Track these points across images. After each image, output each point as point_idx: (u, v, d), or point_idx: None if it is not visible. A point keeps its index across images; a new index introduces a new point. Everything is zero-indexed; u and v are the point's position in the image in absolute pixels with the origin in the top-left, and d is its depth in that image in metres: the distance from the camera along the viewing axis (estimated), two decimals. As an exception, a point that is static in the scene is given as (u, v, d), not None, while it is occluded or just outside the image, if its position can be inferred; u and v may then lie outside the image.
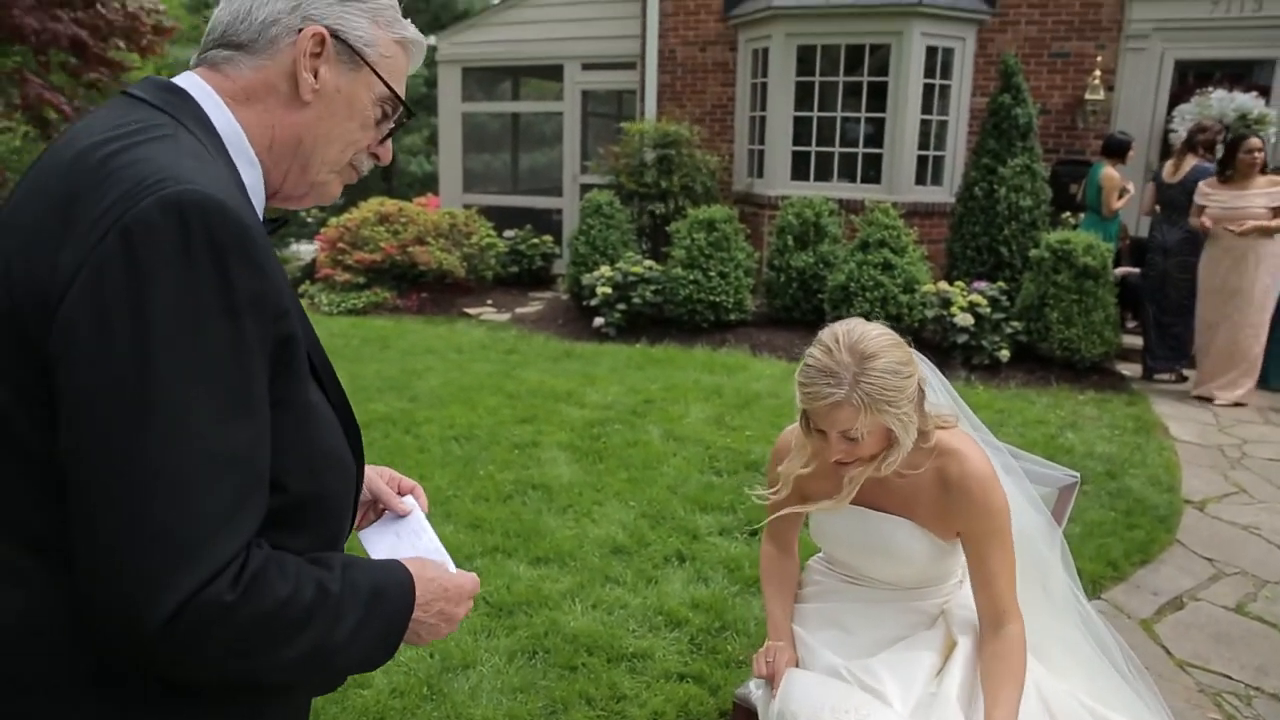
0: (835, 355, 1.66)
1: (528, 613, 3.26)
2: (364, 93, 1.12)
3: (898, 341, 1.71)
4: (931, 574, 1.88)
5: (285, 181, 1.14)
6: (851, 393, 1.63)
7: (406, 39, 1.17)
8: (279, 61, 1.08)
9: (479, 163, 12.14)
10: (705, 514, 4.09)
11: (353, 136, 1.14)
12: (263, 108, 1.08)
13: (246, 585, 0.89)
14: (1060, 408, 5.87)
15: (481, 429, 5.14)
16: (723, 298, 7.49)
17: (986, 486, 1.75)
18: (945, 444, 1.78)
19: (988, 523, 1.75)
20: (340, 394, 1.12)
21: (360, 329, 8.11)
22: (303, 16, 1.08)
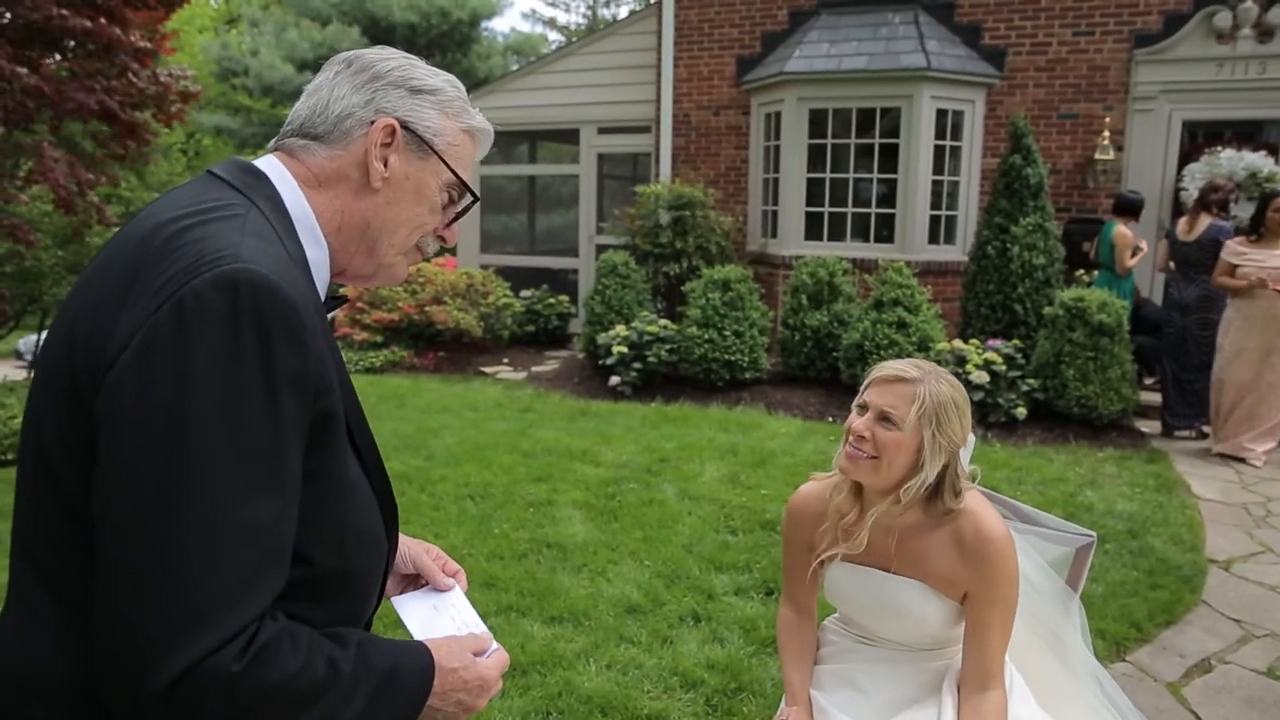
0: (923, 364, 1.78)
1: (542, 673, 3.23)
2: (431, 180, 1.19)
3: (968, 399, 1.80)
4: (945, 635, 1.87)
5: (352, 262, 1.19)
6: (919, 384, 1.72)
7: (474, 128, 1.23)
8: (352, 151, 1.15)
9: (496, 224, 12.33)
10: (721, 573, 4.06)
11: (420, 220, 1.20)
12: (334, 193, 1.15)
13: (253, 657, 0.90)
14: (1079, 465, 5.82)
15: (497, 487, 5.15)
16: (738, 356, 7.52)
17: (1002, 551, 1.75)
18: (965, 507, 1.79)
19: (996, 588, 1.75)
20: (380, 470, 1.15)
21: (377, 387, 8.17)
22: (376, 109, 1.16)
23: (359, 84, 1.17)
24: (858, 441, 1.75)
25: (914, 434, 1.71)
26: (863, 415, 1.76)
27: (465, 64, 21.32)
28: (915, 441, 1.71)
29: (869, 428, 1.74)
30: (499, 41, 23.40)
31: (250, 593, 0.91)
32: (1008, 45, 8.72)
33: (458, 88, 1.23)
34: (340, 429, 1.03)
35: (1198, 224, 6.58)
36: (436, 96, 1.20)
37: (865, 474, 1.77)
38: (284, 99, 21.16)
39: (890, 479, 1.75)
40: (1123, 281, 7.28)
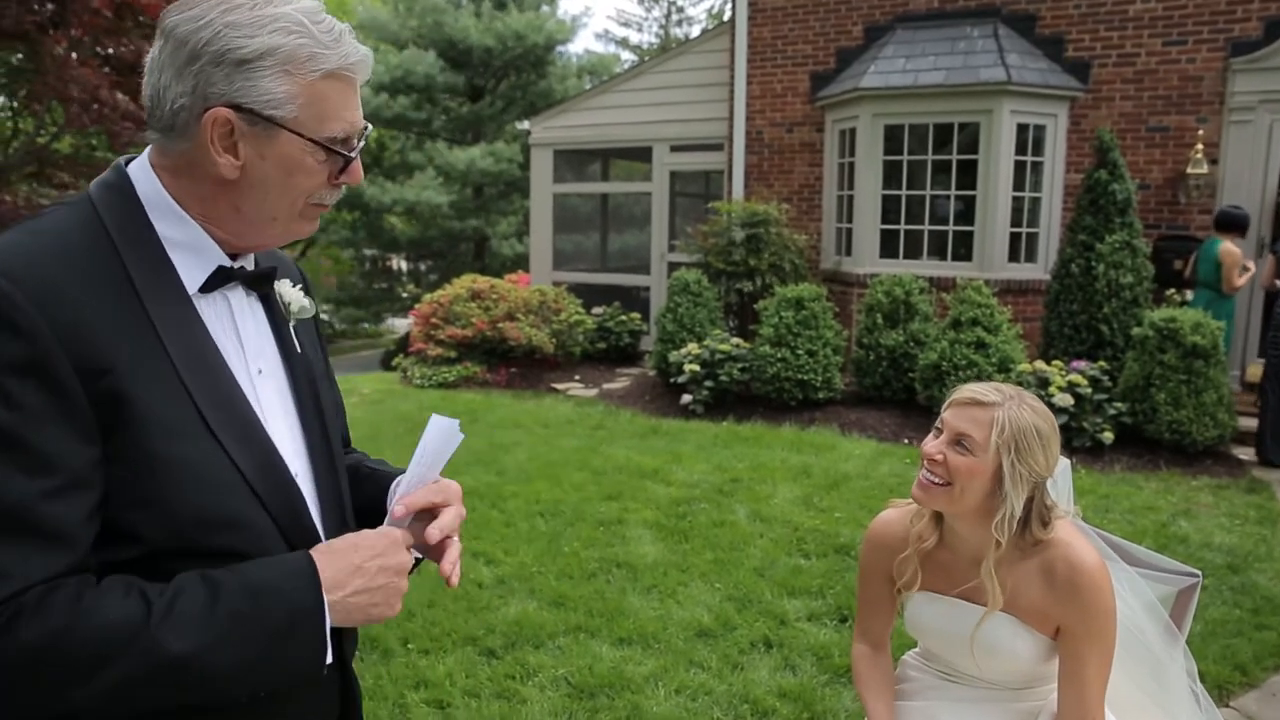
0: (1005, 389, 1.71)
1: (610, 695, 3.20)
2: (294, 151, 1.10)
3: (1055, 428, 1.72)
4: (1035, 673, 1.77)
5: (242, 238, 1.15)
6: (999, 408, 1.65)
7: (332, 70, 1.09)
8: (198, 144, 1.07)
9: (569, 242, 12.44)
10: (793, 598, 3.98)
11: (299, 189, 1.12)
12: (191, 181, 1.10)
13: (4, 624, 0.92)
14: (1171, 494, 5.56)
15: (567, 505, 5.15)
16: (811, 376, 7.41)
17: (1096, 583, 1.66)
18: (1055, 537, 1.70)
19: (1092, 622, 1.65)
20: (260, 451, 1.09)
21: (450, 402, 8.27)
22: (203, 98, 1.06)
23: (180, 67, 1.06)
24: (930, 466, 1.69)
25: (990, 461, 1.63)
26: (938, 438, 1.70)
27: (541, 86, 21.62)
28: (991, 468, 1.63)
29: (942, 450, 1.68)
30: (573, 63, 23.68)
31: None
32: (1093, 57, 8.46)
33: (297, 27, 1.07)
34: (136, 411, 1.00)
35: None
36: (272, 59, 1.06)
37: (938, 502, 1.70)
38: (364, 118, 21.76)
39: (965, 507, 1.68)
40: (1225, 301, 6.96)
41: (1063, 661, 1.70)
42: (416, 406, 8.21)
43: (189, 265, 1.11)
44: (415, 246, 23.87)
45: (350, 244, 24.26)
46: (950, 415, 1.69)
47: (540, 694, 3.23)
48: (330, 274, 33.52)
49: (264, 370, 1.17)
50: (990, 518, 1.66)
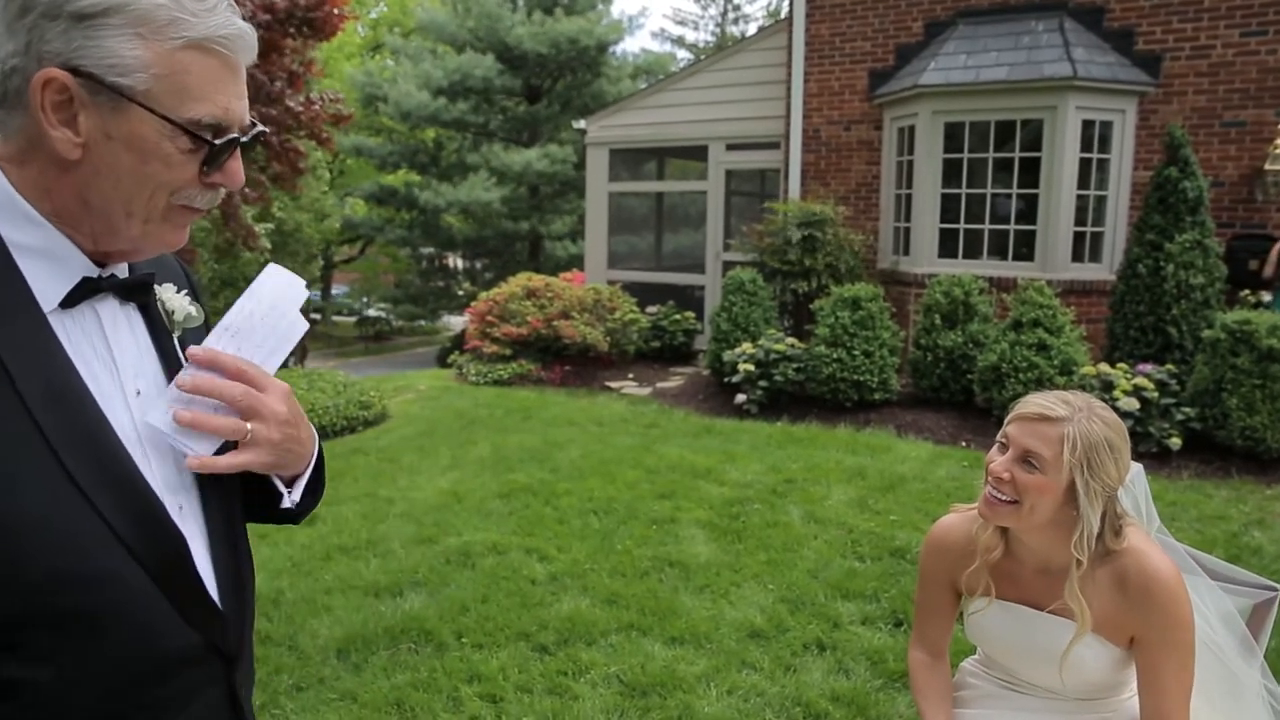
0: (1069, 400, 1.64)
1: (661, 694, 3.19)
2: (147, 130, 0.91)
3: (1125, 432, 1.67)
4: (1101, 684, 1.72)
5: (101, 240, 0.97)
6: (1068, 423, 1.59)
7: (198, 40, 0.91)
8: (31, 116, 0.90)
9: (623, 241, 12.46)
10: (847, 601, 3.93)
11: (157, 179, 0.94)
12: (36, 169, 0.93)
13: None
14: (1243, 502, 5.37)
15: (620, 503, 5.16)
16: (867, 377, 7.32)
17: (1171, 589, 1.60)
18: (1128, 545, 1.65)
19: (1168, 632, 1.60)
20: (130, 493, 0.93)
21: (505, 400, 8.35)
22: (36, 58, 0.88)
23: (10, 20, 0.89)
24: (996, 484, 1.64)
25: (1062, 479, 1.58)
26: (1003, 453, 1.64)
27: (596, 86, 21.73)
28: (1063, 486, 1.58)
29: (1009, 468, 1.62)
30: (629, 62, 23.77)
31: None
32: (1164, 50, 8.21)
33: None
34: None
35: None
36: (121, 16, 0.88)
37: (1006, 519, 1.65)
38: (420, 122, 22.08)
39: (1034, 523, 1.63)
40: None
41: (1140, 672, 1.65)
42: (472, 403, 8.31)
43: (45, 276, 0.93)
44: (471, 245, 24.17)
45: (407, 243, 24.66)
46: (1015, 430, 1.63)
47: (592, 691, 3.25)
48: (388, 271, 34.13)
49: (142, 391, 1.00)
50: (1060, 528, 1.61)
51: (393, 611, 3.90)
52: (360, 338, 33.03)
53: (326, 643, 3.67)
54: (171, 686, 0.98)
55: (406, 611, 3.89)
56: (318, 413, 8.13)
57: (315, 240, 19.42)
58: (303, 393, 8.59)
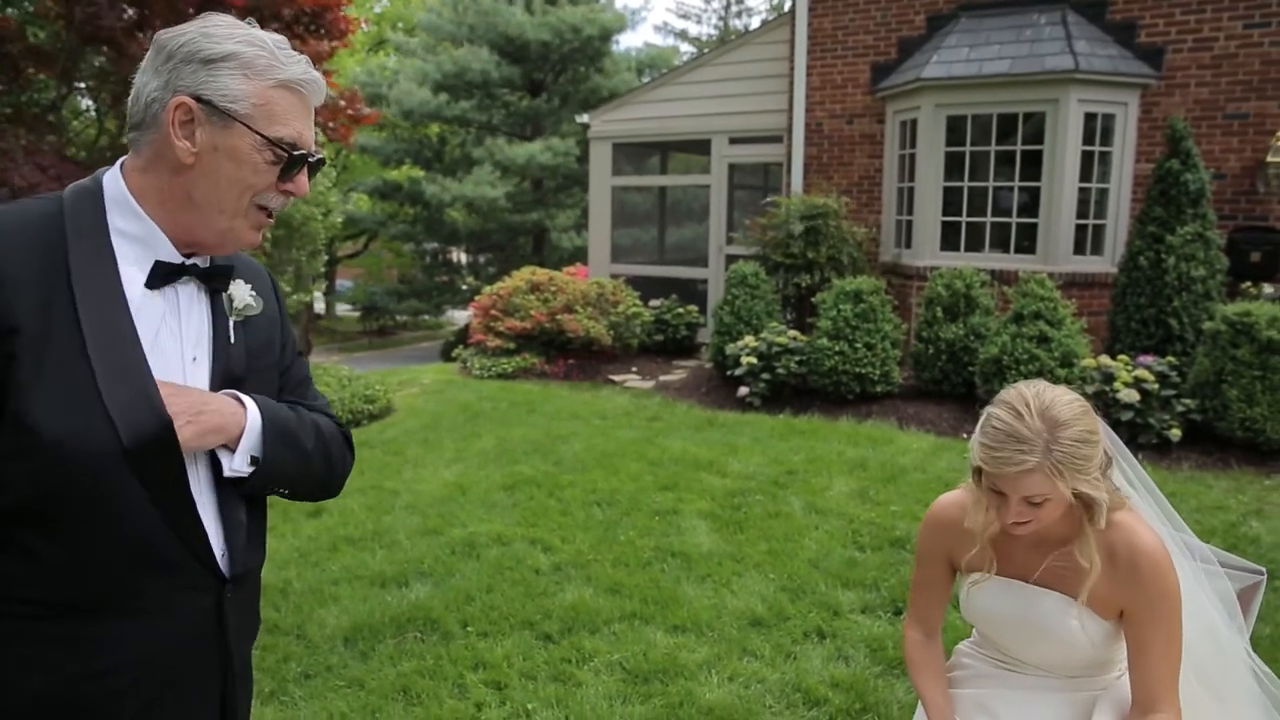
0: (1027, 421, 1.61)
1: (663, 681, 3.24)
2: (243, 145, 1.25)
3: (1087, 409, 1.68)
4: (1094, 659, 1.76)
5: (193, 232, 1.28)
6: (1044, 460, 1.59)
7: (286, 81, 1.27)
8: (163, 133, 1.23)
9: (627, 235, 12.50)
10: (847, 590, 3.98)
11: (246, 183, 1.27)
12: (155, 174, 1.26)
13: None
14: (1242, 493, 5.41)
15: (623, 495, 5.20)
16: (869, 369, 7.35)
17: (1158, 564, 1.65)
18: (1115, 518, 1.69)
19: (1156, 604, 1.65)
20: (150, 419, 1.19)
21: (508, 393, 8.40)
22: (172, 89, 1.23)
23: (157, 66, 1.24)
24: (1015, 527, 1.68)
25: (1065, 494, 1.61)
26: (1004, 501, 1.66)
27: (598, 80, 21.72)
28: (1068, 495, 1.62)
29: (1022, 512, 1.65)
30: (631, 57, 23.73)
31: None
32: (1166, 42, 8.22)
33: (260, 44, 1.26)
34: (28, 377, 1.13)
35: None
36: (234, 61, 1.23)
37: (1032, 532, 1.70)
38: (423, 119, 22.07)
39: (1098, 518, 1.67)
40: None
41: (1129, 646, 1.71)
42: (476, 397, 8.36)
43: (135, 256, 1.25)
44: (475, 240, 24.18)
45: (411, 238, 24.66)
46: (1004, 485, 1.64)
47: (595, 678, 3.29)
48: (392, 266, 34.17)
49: (198, 358, 1.32)
50: (1067, 509, 1.66)
51: (399, 601, 3.96)
52: (364, 332, 33.08)
53: (334, 632, 3.72)
54: (161, 584, 1.25)
55: (412, 601, 3.94)
56: (323, 406, 8.19)
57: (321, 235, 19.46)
58: (308, 387, 8.63)
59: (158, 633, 1.25)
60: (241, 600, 1.38)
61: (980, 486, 1.70)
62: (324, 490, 1.48)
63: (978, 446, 1.65)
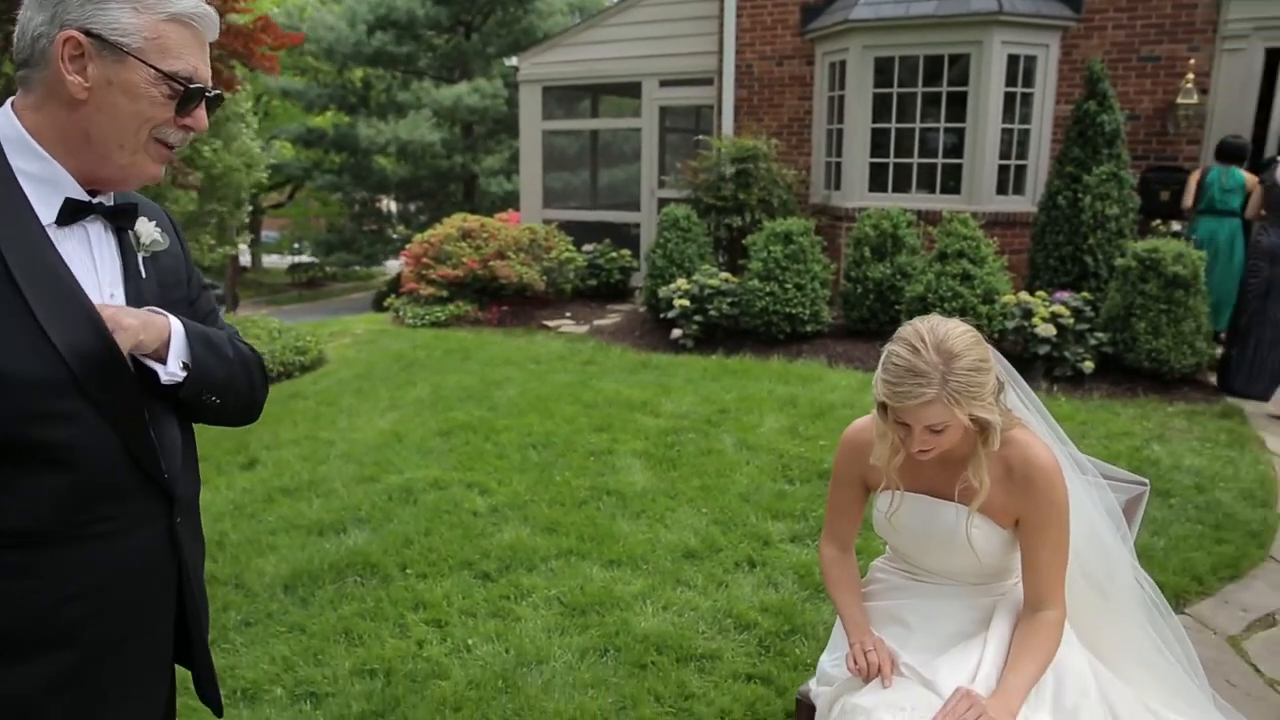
0: (923, 355, 1.71)
1: (600, 613, 3.35)
2: (138, 79, 1.24)
3: (979, 339, 1.77)
4: (995, 566, 1.90)
5: (96, 169, 1.28)
6: (941, 391, 1.68)
7: (175, 14, 1.26)
8: (53, 69, 1.23)
9: (559, 179, 12.40)
10: (777, 521, 4.12)
11: (144, 116, 1.26)
12: (50, 112, 1.25)
13: None
14: (1147, 420, 5.70)
15: (558, 437, 5.27)
16: (799, 309, 7.50)
17: (1049, 476, 1.78)
18: (1011, 435, 1.82)
19: (1046, 513, 1.79)
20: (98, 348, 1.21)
21: (443, 341, 8.36)
22: (60, 24, 1.22)
23: (41, 1, 1.24)
24: (922, 453, 1.78)
25: (963, 419, 1.72)
26: (908, 431, 1.76)
27: (527, 22, 21.25)
28: (966, 420, 1.72)
29: (925, 441, 1.75)
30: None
31: None
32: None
33: None
34: None
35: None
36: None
37: (936, 456, 1.81)
38: (346, 60, 21.39)
39: (992, 439, 1.79)
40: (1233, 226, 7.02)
41: (1023, 553, 1.84)
42: (410, 345, 8.30)
43: (42, 196, 1.24)
44: (405, 187, 23.70)
45: (338, 187, 24.06)
46: (907, 417, 1.73)
47: (534, 612, 3.38)
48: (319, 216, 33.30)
49: (115, 295, 1.33)
50: (965, 431, 1.76)
51: (337, 548, 3.98)
52: (293, 284, 32.31)
53: (273, 580, 3.74)
54: (116, 509, 1.28)
55: (351, 547, 3.97)
56: (253, 358, 8.05)
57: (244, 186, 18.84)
58: (236, 339, 8.47)
59: (115, 559, 1.28)
60: (190, 525, 1.42)
61: (886, 420, 1.80)
62: (247, 409, 1.49)
63: (880, 383, 1.75)
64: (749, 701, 2.79)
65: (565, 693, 2.86)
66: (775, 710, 2.77)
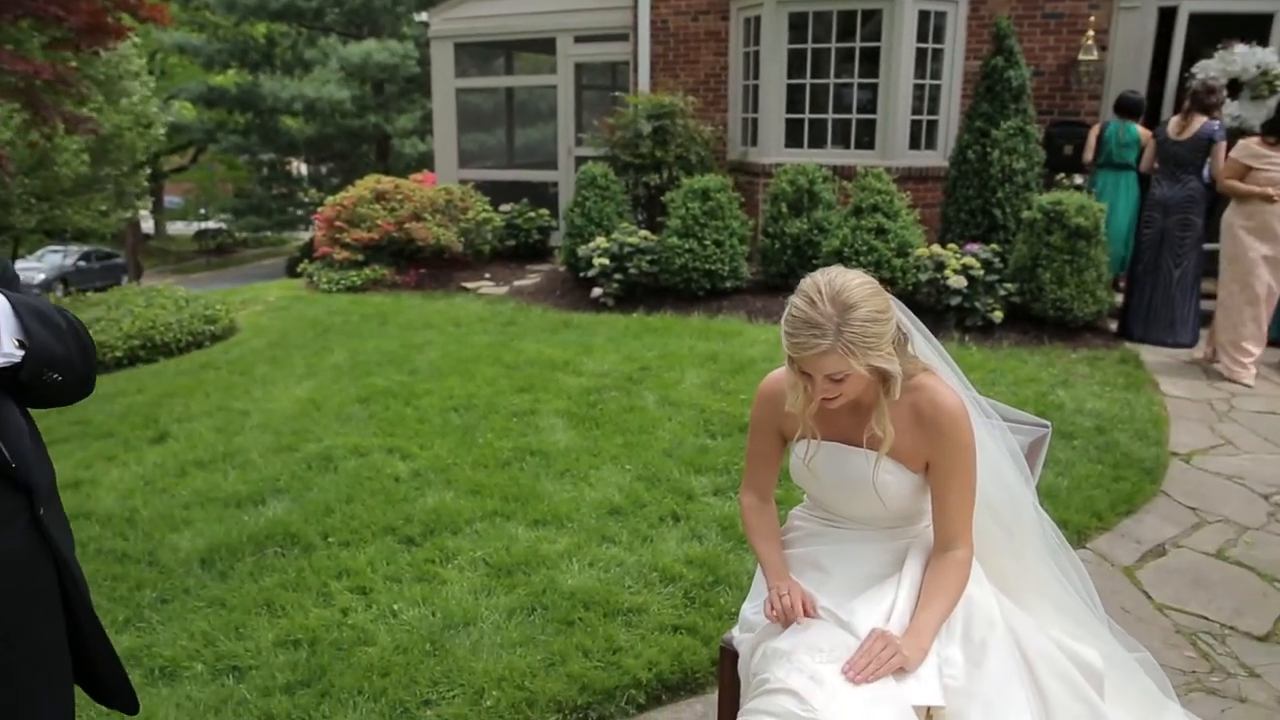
0: (819, 307, 1.73)
1: (526, 572, 3.36)
2: None
3: (877, 289, 1.79)
4: (907, 510, 1.96)
5: None
6: (836, 342, 1.72)
7: None
8: None
9: (473, 139, 12.16)
10: (700, 475, 4.18)
11: None
12: None
13: None
14: (1052, 366, 5.94)
15: (480, 399, 5.23)
16: (718, 266, 7.54)
17: (956, 420, 1.84)
18: (919, 381, 1.87)
19: (953, 455, 1.85)
20: None
21: (359, 306, 8.19)
22: None
23: None
24: (827, 401, 1.82)
25: (863, 369, 1.75)
26: (812, 381, 1.80)
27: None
28: (866, 370, 1.76)
29: (828, 390, 1.79)
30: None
31: None
32: (991, -59, 8.51)
33: None
34: None
35: (1192, 124, 6.49)
36: None
37: (842, 404, 1.85)
38: (247, 14, 20.50)
39: (893, 389, 1.83)
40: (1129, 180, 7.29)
41: (933, 493, 1.91)
42: (325, 311, 8.11)
43: None
44: (315, 148, 22.95)
45: (244, 149, 23.16)
46: (808, 367, 1.77)
47: (460, 575, 3.38)
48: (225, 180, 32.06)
49: None
50: (870, 381, 1.81)
51: (256, 519, 3.90)
52: (201, 252, 31.15)
53: (189, 555, 3.64)
54: None
55: (270, 518, 3.89)
56: (159, 330, 7.77)
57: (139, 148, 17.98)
58: (141, 310, 8.16)
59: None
60: (54, 514, 1.38)
61: (795, 372, 1.84)
62: (83, 383, 1.40)
63: (782, 334, 1.79)
64: (675, 652, 2.85)
65: (494, 652, 2.87)
66: (701, 659, 2.83)
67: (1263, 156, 5.73)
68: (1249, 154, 5.77)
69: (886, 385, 1.82)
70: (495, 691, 2.68)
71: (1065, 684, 1.84)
